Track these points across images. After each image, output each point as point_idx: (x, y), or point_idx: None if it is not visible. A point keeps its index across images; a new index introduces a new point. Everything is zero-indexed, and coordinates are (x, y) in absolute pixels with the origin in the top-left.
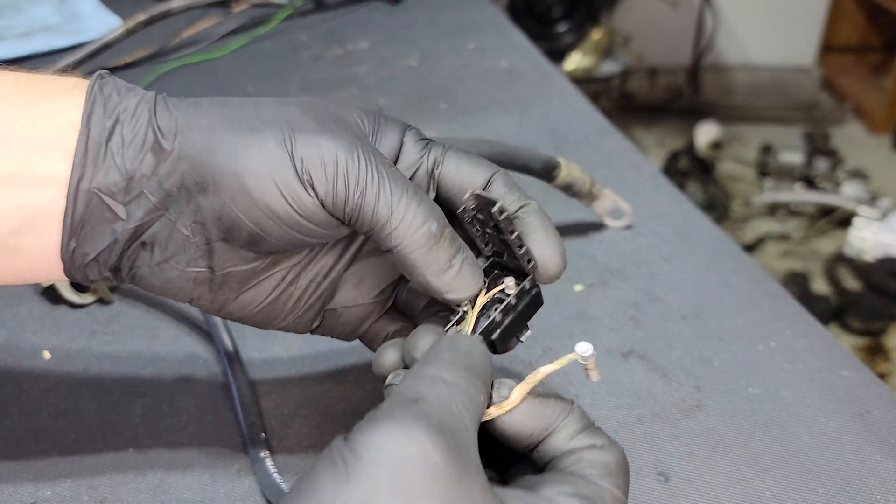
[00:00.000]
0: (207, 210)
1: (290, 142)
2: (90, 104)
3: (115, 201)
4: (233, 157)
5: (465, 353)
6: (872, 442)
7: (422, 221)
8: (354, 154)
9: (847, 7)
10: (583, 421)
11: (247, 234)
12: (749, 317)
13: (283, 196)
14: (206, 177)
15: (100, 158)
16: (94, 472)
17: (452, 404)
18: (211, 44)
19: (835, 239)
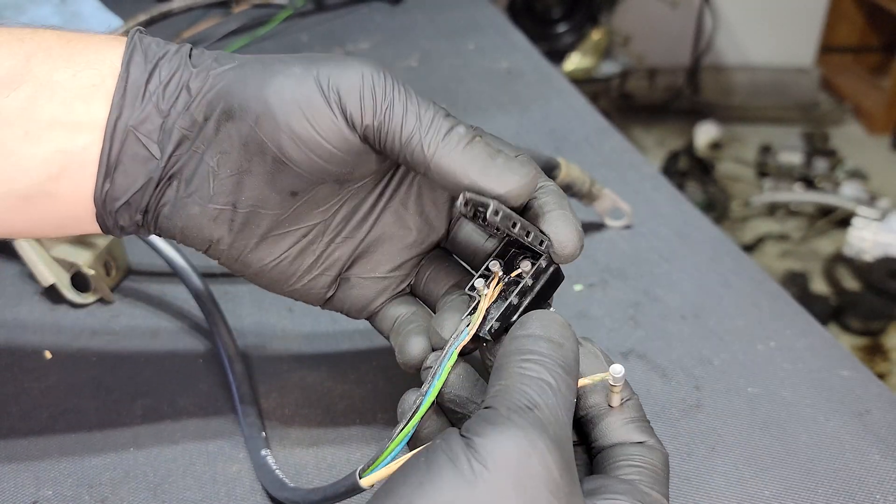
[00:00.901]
0: (233, 136)
1: (317, 67)
2: (130, 51)
3: (149, 139)
4: (259, 82)
5: (558, 343)
6: (871, 441)
7: (450, 126)
8: (380, 72)
9: (846, 7)
10: (640, 412)
11: (270, 161)
12: (748, 317)
13: (306, 117)
14: (234, 104)
15: (138, 99)
16: (94, 471)
17: (561, 413)
18: (211, 44)
19: (834, 239)
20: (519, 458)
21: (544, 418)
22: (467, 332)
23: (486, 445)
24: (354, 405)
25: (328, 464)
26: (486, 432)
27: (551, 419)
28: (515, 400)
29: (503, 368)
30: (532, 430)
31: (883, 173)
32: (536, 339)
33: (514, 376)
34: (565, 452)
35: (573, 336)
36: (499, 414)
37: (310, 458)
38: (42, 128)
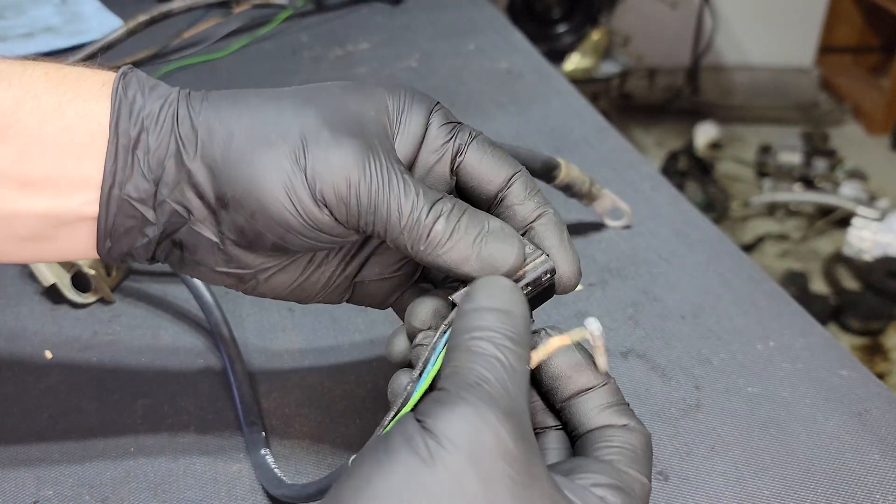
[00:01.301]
0: (229, 223)
1: (304, 159)
2: (116, 108)
3: (145, 206)
4: (250, 177)
5: (505, 312)
6: (871, 441)
7: (434, 219)
8: (366, 169)
9: (845, 8)
10: (617, 395)
11: (270, 244)
12: (748, 316)
13: (299, 214)
14: (227, 194)
15: (128, 166)
16: (95, 471)
17: (511, 386)
18: (212, 44)
19: (834, 239)
20: (470, 434)
21: (494, 392)
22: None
23: (438, 425)
24: (354, 405)
25: (328, 463)
26: (438, 412)
27: (501, 392)
28: (465, 378)
29: (454, 349)
30: (482, 405)
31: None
32: (483, 311)
33: (464, 355)
34: (520, 423)
35: (522, 300)
36: (449, 394)
37: (310, 458)
38: (36, 183)
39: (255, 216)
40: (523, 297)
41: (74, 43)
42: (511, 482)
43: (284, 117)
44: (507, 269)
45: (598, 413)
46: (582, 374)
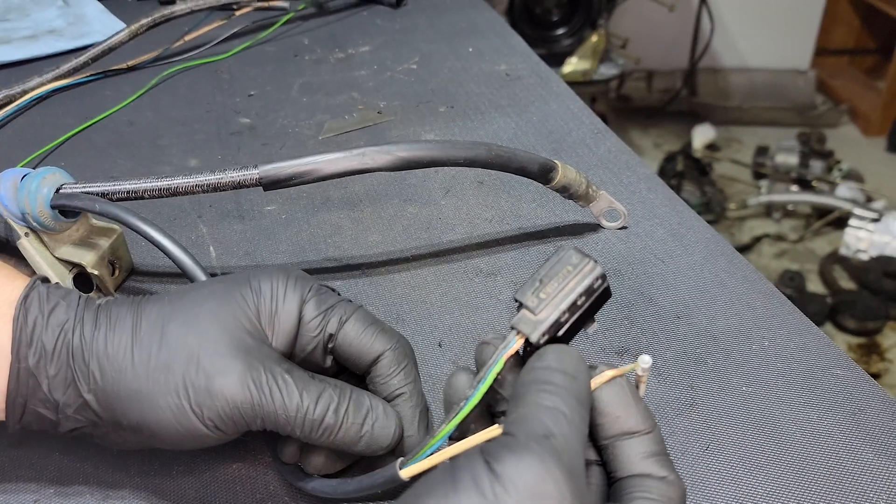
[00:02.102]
0: (130, 438)
1: (189, 390)
2: (17, 336)
3: (49, 412)
4: (142, 413)
5: (573, 376)
6: (865, 440)
7: (321, 415)
8: (248, 387)
9: (842, 10)
10: (660, 445)
11: (170, 449)
12: (743, 316)
13: (190, 438)
14: (123, 423)
15: (30, 386)
16: (96, 470)
17: (575, 443)
18: (214, 47)
19: (830, 239)
20: (535, 483)
21: (559, 447)
22: (515, 340)
23: (506, 470)
24: None
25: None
26: (507, 458)
27: (566, 448)
28: (533, 428)
29: (522, 397)
30: (549, 458)
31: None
32: (552, 371)
33: (532, 405)
34: (578, 480)
35: (586, 369)
36: (518, 441)
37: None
38: None
39: (151, 439)
40: (587, 368)
41: (77, 45)
42: None
43: (166, 349)
44: (389, 446)
45: (639, 460)
46: (629, 417)
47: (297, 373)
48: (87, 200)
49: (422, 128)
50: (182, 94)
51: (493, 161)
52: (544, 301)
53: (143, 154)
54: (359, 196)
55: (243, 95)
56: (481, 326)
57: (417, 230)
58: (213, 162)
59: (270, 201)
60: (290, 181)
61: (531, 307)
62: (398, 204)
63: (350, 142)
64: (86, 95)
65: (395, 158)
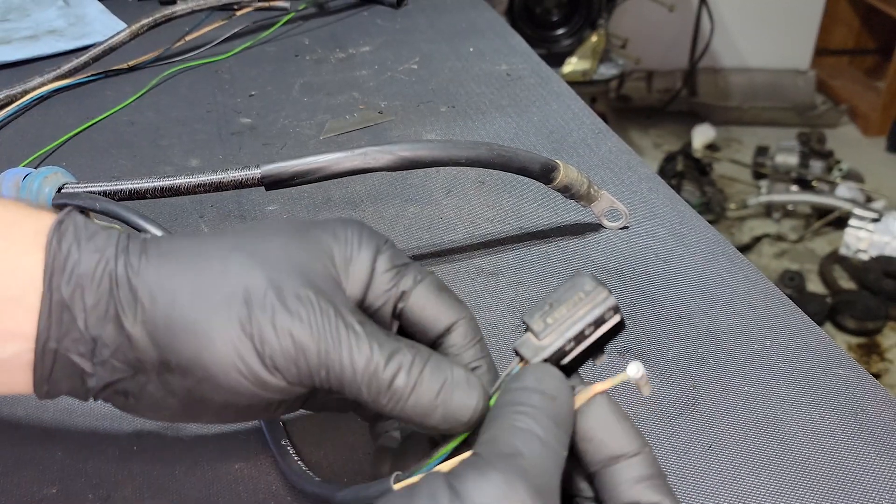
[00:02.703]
0: (176, 385)
1: (250, 325)
2: (50, 263)
3: (84, 360)
4: (195, 347)
5: (551, 397)
6: (867, 440)
7: (391, 376)
8: (315, 329)
9: (842, 10)
10: (653, 467)
11: (216, 407)
12: (744, 316)
13: (248, 381)
14: (171, 360)
15: (63, 323)
16: (98, 469)
17: (546, 464)
18: (215, 47)
19: (830, 239)
20: (496, 501)
21: (527, 466)
22: (518, 366)
23: (466, 488)
24: None
25: (329, 462)
26: (469, 476)
27: (535, 468)
28: (501, 448)
29: (494, 419)
30: (514, 476)
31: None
32: (529, 391)
33: (504, 427)
34: (547, 501)
35: (568, 390)
36: (483, 460)
37: (319, 458)
38: None
39: (201, 383)
40: (570, 388)
41: (78, 45)
42: None
43: (229, 279)
44: (470, 421)
45: (629, 486)
46: (615, 439)
47: (370, 326)
48: (89, 199)
49: (423, 128)
50: (183, 94)
51: (495, 161)
52: (550, 326)
53: (145, 154)
54: (360, 196)
55: (244, 95)
56: (483, 326)
57: (419, 230)
58: (215, 162)
59: (272, 201)
60: (291, 181)
61: (536, 331)
62: (400, 204)
63: (351, 142)
64: (87, 95)
65: (396, 158)
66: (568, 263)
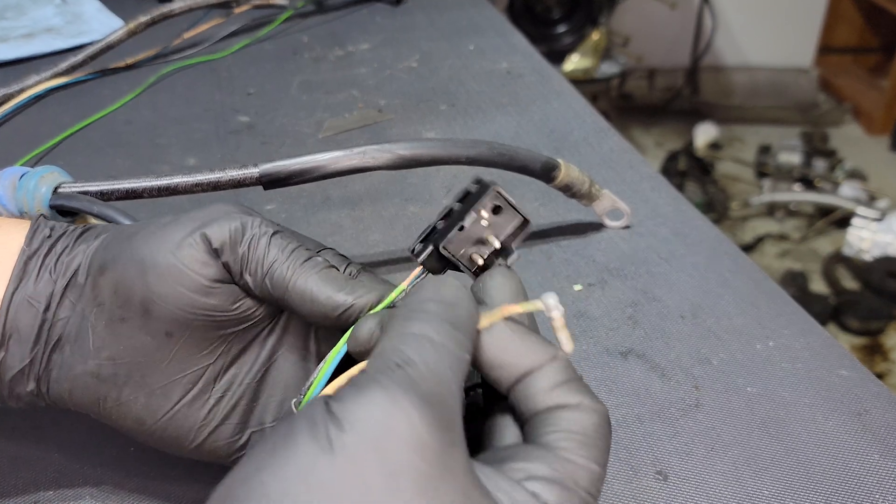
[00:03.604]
0: (106, 286)
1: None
2: (33, 229)
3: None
4: (130, 234)
5: (449, 303)
6: (870, 441)
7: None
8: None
9: (845, 8)
10: (567, 372)
11: (139, 303)
12: (747, 316)
13: (172, 252)
14: (107, 257)
15: (34, 272)
16: (95, 471)
17: (440, 368)
18: (212, 45)
19: (833, 239)
20: (378, 420)
21: (416, 375)
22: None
23: (344, 410)
24: None
25: None
26: (349, 396)
27: (426, 375)
28: (388, 358)
29: (387, 331)
30: (396, 389)
31: (882, 173)
32: (425, 300)
33: (394, 336)
34: (443, 410)
35: (469, 298)
36: (366, 375)
37: None
38: None
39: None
40: (471, 297)
41: (75, 43)
42: (418, 475)
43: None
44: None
45: (545, 394)
46: (522, 356)
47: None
48: (86, 202)
49: (422, 126)
50: (180, 92)
51: (496, 160)
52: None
53: (142, 153)
54: (359, 195)
55: (242, 94)
56: None
57: (419, 229)
58: (213, 161)
59: (270, 200)
60: (290, 180)
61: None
62: (399, 203)
63: (350, 140)
64: (84, 94)
65: (396, 157)
66: (569, 263)
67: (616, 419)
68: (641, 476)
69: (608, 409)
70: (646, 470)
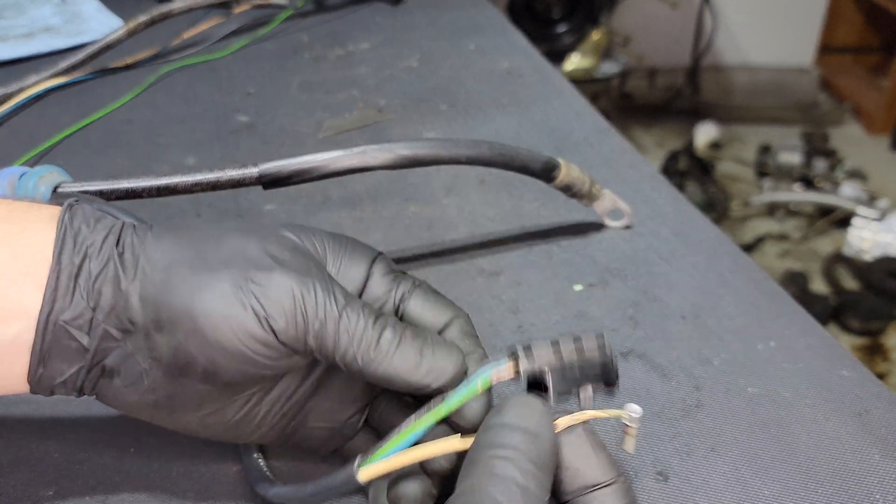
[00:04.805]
0: (163, 346)
1: (246, 280)
2: (61, 238)
3: (80, 332)
4: (188, 297)
5: (534, 434)
6: (871, 441)
7: (379, 333)
8: (311, 287)
9: (845, 7)
10: (627, 496)
11: (202, 370)
12: (748, 316)
13: (237, 334)
14: (163, 316)
15: (68, 293)
16: (95, 472)
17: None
18: (212, 45)
19: (834, 239)
20: None
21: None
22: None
23: None
24: None
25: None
26: None
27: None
28: (478, 500)
29: (473, 463)
30: None
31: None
32: (509, 430)
33: (482, 475)
34: None
35: (550, 425)
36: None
37: (304, 464)
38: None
39: (189, 337)
40: (551, 423)
41: (74, 43)
42: None
43: (226, 246)
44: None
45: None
46: (591, 469)
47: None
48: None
49: (423, 126)
50: (180, 92)
51: (496, 159)
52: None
53: (141, 152)
54: (360, 195)
55: (242, 93)
56: (483, 326)
57: (419, 229)
58: (212, 160)
59: (270, 200)
60: (290, 180)
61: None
62: (400, 203)
63: (350, 140)
64: (83, 93)
65: (396, 156)
66: (570, 263)
67: (616, 420)
68: (642, 476)
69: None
70: (646, 470)
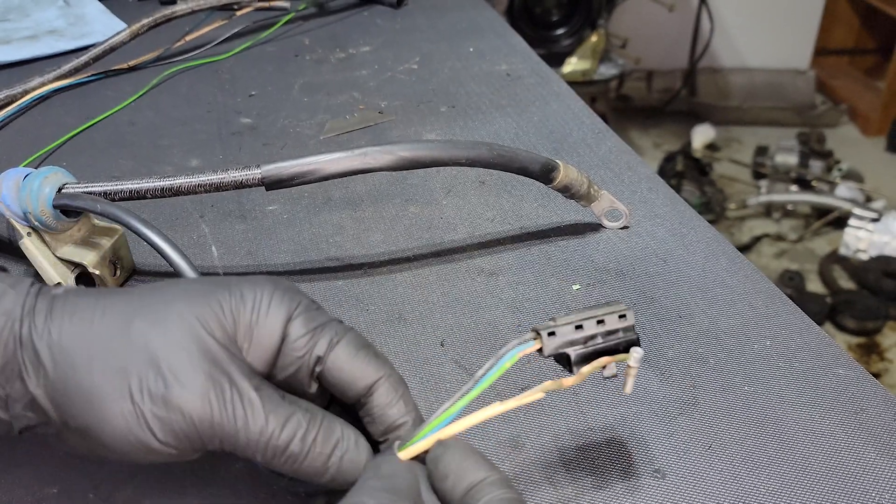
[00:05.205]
0: (77, 443)
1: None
2: None
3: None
4: (91, 417)
5: (387, 476)
6: (867, 440)
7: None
8: (210, 402)
9: (841, 10)
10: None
11: (116, 459)
12: (744, 316)
13: (140, 450)
14: (71, 424)
15: None
16: (98, 469)
17: None
18: (215, 47)
19: (830, 239)
20: None
21: None
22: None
23: None
24: None
25: None
26: None
27: None
28: None
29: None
30: None
31: (878, 174)
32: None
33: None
34: None
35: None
36: None
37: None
38: None
39: (98, 447)
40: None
41: (78, 45)
42: None
43: (126, 348)
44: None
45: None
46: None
47: (266, 391)
48: (89, 201)
49: (423, 128)
50: (183, 94)
51: (495, 161)
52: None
53: (145, 154)
54: (360, 196)
55: (244, 95)
56: (483, 326)
57: (419, 230)
58: (215, 162)
59: (272, 201)
60: (292, 181)
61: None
62: (400, 204)
63: (351, 142)
64: (87, 95)
65: (396, 158)
66: (568, 263)
67: (614, 418)
68: (639, 475)
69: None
70: (643, 468)
